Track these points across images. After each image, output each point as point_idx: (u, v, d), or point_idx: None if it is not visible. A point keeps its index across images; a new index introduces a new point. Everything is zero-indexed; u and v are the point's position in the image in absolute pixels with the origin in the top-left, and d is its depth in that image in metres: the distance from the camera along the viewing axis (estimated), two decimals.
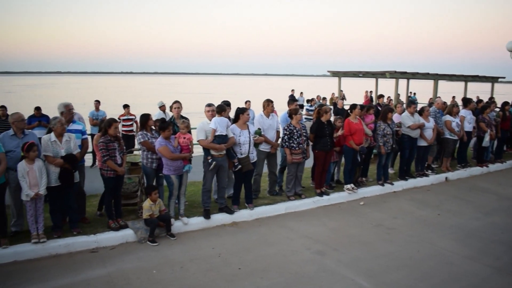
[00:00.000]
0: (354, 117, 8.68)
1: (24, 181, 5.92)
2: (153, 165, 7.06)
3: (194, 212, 7.40)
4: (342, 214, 7.87)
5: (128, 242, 6.48)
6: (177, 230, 6.83)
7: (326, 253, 6.18)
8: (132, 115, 12.62)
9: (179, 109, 7.82)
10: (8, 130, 6.45)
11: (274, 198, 8.27)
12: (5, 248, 5.91)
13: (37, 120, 9.99)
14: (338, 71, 19.81)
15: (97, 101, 12.72)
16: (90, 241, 6.31)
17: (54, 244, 6.12)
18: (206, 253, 6.14)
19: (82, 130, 7.02)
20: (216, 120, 6.97)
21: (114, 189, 6.64)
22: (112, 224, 6.62)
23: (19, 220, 6.50)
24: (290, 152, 7.95)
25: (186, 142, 6.83)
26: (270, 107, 8.06)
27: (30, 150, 5.94)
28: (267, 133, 7.93)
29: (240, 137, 7.29)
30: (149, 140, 6.98)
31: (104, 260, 5.93)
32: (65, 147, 6.35)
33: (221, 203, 7.44)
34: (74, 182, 6.47)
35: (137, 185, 7.31)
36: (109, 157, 6.43)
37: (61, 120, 6.39)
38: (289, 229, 7.09)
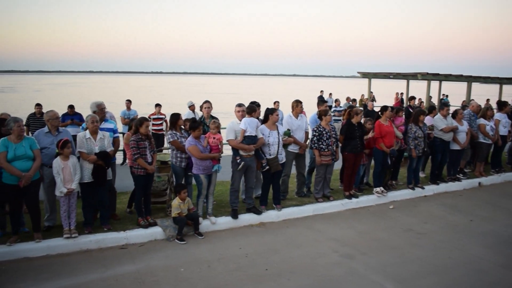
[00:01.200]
0: (385, 119, 8.55)
1: (59, 177, 6.09)
2: (182, 164, 7.13)
3: (222, 211, 7.44)
4: (371, 218, 7.76)
5: (157, 239, 6.57)
6: (205, 229, 6.88)
7: (354, 256, 6.10)
8: (163, 115, 12.78)
9: (209, 108, 7.88)
10: (43, 128, 6.64)
11: (302, 200, 8.23)
12: (38, 242, 6.08)
13: (70, 118, 10.22)
14: (368, 72, 19.56)
15: (129, 101, 12.93)
16: (120, 238, 6.42)
17: (85, 240, 6.26)
18: (233, 253, 6.16)
19: (114, 128, 7.16)
20: (246, 121, 6.98)
21: (144, 187, 6.74)
22: (142, 222, 6.73)
23: (52, 215, 6.68)
24: (319, 154, 7.89)
25: (216, 142, 6.87)
26: (299, 107, 8.03)
27: (64, 147, 6.10)
28: (296, 134, 7.90)
29: (269, 138, 7.28)
30: (179, 139, 7.05)
31: (133, 256, 6.02)
32: (99, 145, 6.49)
33: (249, 203, 7.45)
34: (107, 179, 6.59)
35: (167, 183, 7.39)
36: (139, 155, 6.53)
37: (93, 118, 6.53)
38: (317, 231, 7.04)
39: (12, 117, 6.13)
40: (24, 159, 5.88)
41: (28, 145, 5.97)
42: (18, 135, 5.91)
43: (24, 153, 5.88)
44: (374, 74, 19.85)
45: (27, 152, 5.90)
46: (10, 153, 5.82)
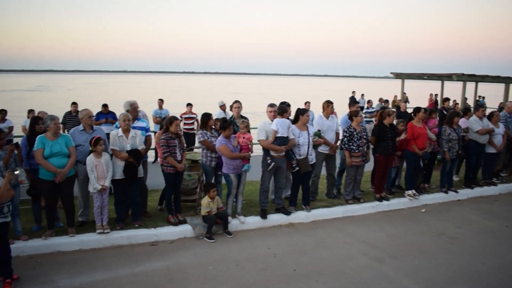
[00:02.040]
0: (418, 120, 8.39)
1: (92, 174, 6.25)
2: (212, 164, 7.19)
3: (251, 211, 7.46)
4: (402, 221, 7.62)
5: (186, 237, 6.65)
6: (233, 228, 6.91)
7: (384, 260, 6.00)
8: (194, 114, 12.92)
9: (239, 108, 7.92)
10: (78, 126, 6.82)
11: (331, 201, 8.17)
12: (72, 236, 6.26)
13: (104, 117, 10.46)
14: (402, 73, 19.22)
15: (161, 100, 13.12)
16: (151, 235, 6.53)
17: (117, 236, 6.39)
18: (261, 253, 6.17)
19: (146, 127, 7.28)
20: (278, 122, 6.98)
21: (173, 185, 6.83)
22: (172, 219, 6.82)
23: (86, 211, 6.86)
24: (350, 155, 7.81)
25: (246, 142, 6.89)
26: (329, 108, 7.97)
27: (97, 144, 6.25)
28: (326, 134, 7.85)
29: (299, 138, 7.26)
30: (209, 139, 7.11)
31: (163, 253, 6.11)
32: (131, 143, 6.61)
33: (278, 203, 7.45)
34: (138, 177, 6.71)
35: (197, 182, 7.47)
36: (169, 153, 6.62)
37: (125, 116, 6.66)
38: (346, 233, 6.97)
39: (49, 115, 6.32)
40: (60, 156, 6.07)
41: (64, 142, 6.15)
42: (55, 133, 6.10)
43: (60, 150, 6.07)
44: (408, 74, 19.50)
45: (62, 149, 6.09)
46: (47, 150, 6.02)
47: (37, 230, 6.49)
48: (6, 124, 10.63)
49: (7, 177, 4.99)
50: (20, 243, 6.02)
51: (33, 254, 5.96)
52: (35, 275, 5.40)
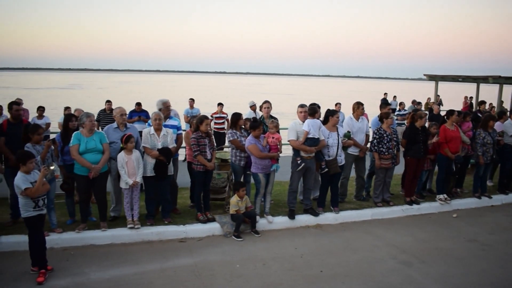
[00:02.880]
0: (451, 123, 8.23)
1: (123, 170, 6.40)
2: (241, 163, 7.24)
3: (279, 211, 7.48)
4: (432, 225, 7.48)
5: (214, 235, 6.73)
6: (261, 227, 6.95)
7: (413, 264, 5.92)
8: (224, 113, 13.03)
9: (268, 108, 7.96)
10: (112, 123, 7.01)
11: (360, 203, 8.11)
12: (104, 231, 6.44)
13: (137, 115, 10.68)
14: (436, 75, 18.86)
15: (192, 99, 13.28)
16: (180, 231, 6.65)
17: (147, 231, 6.54)
18: (288, 253, 6.18)
19: (178, 126, 7.40)
20: (309, 122, 6.98)
21: (203, 183, 6.92)
22: (200, 217, 6.92)
23: (117, 206, 7.04)
24: (379, 157, 7.73)
25: (275, 142, 6.92)
26: (359, 109, 7.92)
27: (127, 142, 6.42)
28: (356, 136, 7.80)
29: (329, 139, 7.24)
30: (238, 138, 7.17)
31: (191, 250, 6.21)
32: (162, 141, 6.74)
33: (307, 204, 7.44)
34: (168, 174, 6.84)
35: (226, 181, 7.55)
36: (199, 152, 6.71)
37: (156, 115, 6.79)
38: (375, 236, 6.90)
39: (85, 113, 6.53)
40: (94, 152, 6.26)
41: (99, 139, 6.34)
42: (90, 129, 6.29)
43: (95, 147, 6.25)
44: (442, 76, 19.11)
45: (97, 145, 6.27)
46: (82, 146, 6.22)
47: (71, 223, 6.70)
48: (43, 121, 11.00)
49: (42, 172, 5.19)
50: (54, 235, 6.24)
51: (67, 246, 6.17)
52: (68, 267, 5.58)
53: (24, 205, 5.16)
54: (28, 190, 5.06)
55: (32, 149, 5.97)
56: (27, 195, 5.08)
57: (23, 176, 5.13)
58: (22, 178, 5.11)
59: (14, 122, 6.72)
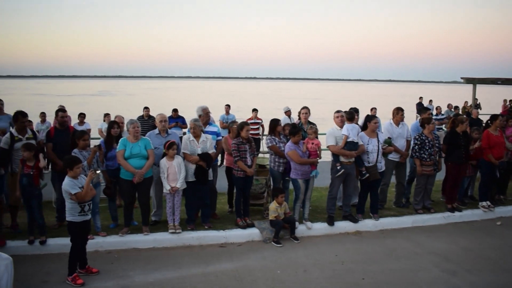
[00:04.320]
0: (495, 128, 8.01)
1: (164, 176, 6.52)
2: (280, 169, 7.25)
3: (317, 217, 7.45)
4: (475, 233, 7.29)
5: (254, 240, 6.77)
6: (300, 233, 6.94)
7: (457, 273, 5.78)
8: (259, 119, 13.06)
9: (307, 114, 7.95)
10: (151, 130, 7.16)
11: (400, 210, 7.98)
12: (146, 235, 6.58)
13: (174, 121, 10.83)
14: (473, 78, 18.37)
15: (227, 105, 13.37)
16: (220, 236, 6.72)
17: (188, 236, 6.64)
18: (329, 259, 6.15)
19: (217, 132, 7.49)
20: (348, 127, 6.95)
21: (243, 189, 6.97)
22: (240, 222, 6.97)
23: (159, 211, 7.17)
24: (420, 163, 7.60)
25: (314, 148, 6.91)
26: (399, 115, 7.82)
27: (170, 148, 6.53)
28: (397, 142, 7.69)
29: (368, 145, 7.17)
30: (277, 144, 7.19)
31: (232, 255, 6.26)
32: (201, 147, 6.82)
33: (346, 210, 7.38)
34: (208, 180, 6.92)
35: (264, 186, 7.58)
36: (239, 157, 6.77)
37: (193, 124, 6.88)
38: (416, 243, 6.77)
39: (129, 120, 6.71)
40: (138, 157, 6.41)
41: (144, 145, 6.49)
42: (134, 136, 6.44)
43: (139, 152, 6.41)
44: (480, 79, 18.60)
45: (141, 151, 6.42)
46: (127, 151, 6.39)
47: (114, 227, 6.86)
48: (84, 127, 11.32)
49: (90, 176, 5.34)
50: (99, 238, 6.42)
51: (111, 249, 6.34)
52: (114, 270, 5.73)
53: (71, 209, 5.31)
54: (78, 194, 5.20)
55: (79, 155, 6.16)
56: (76, 200, 5.23)
57: (71, 181, 5.27)
58: (70, 183, 5.25)
59: (60, 128, 6.94)
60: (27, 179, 6.04)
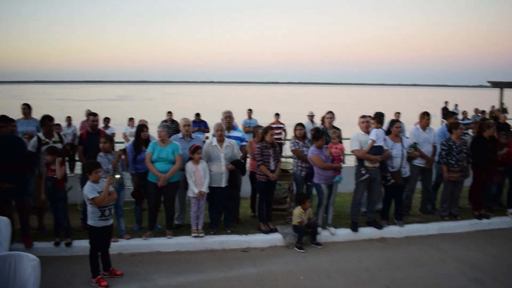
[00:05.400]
0: None
1: (191, 180, 6.54)
2: (302, 173, 7.21)
3: (340, 223, 7.36)
4: (505, 241, 7.08)
5: (277, 245, 6.73)
6: (323, 239, 6.87)
7: (485, 281, 5.63)
8: (281, 124, 13.03)
9: (331, 119, 7.89)
10: (174, 134, 7.21)
11: (426, 217, 7.82)
12: (169, 238, 6.62)
13: (197, 125, 10.89)
14: (500, 82, 17.97)
15: (250, 110, 13.39)
16: (242, 241, 6.71)
17: (211, 240, 6.65)
18: (352, 266, 6.07)
19: (241, 137, 7.48)
20: (376, 132, 6.87)
21: (265, 193, 6.94)
22: (263, 227, 6.95)
23: (182, 215, 7.22)
24: (447, 169, 7.44)
25: (338, 152, 6.84)
26: (425, 120, 7.69)
27: (195, 153, 6.55)
28: (423, 147, 7.56)
29: (392, 150, 7.07)
30: (300, 148, 7.15)
31: (254, 260, 6.24)
32: (225, 152, 6.82)
33: (370, 216, 7.28)
34: (239, 185, 6.97)
35: (287, 191, 7.54)
36: (262, 162, 6.75)
37: (218, 127, 6.90)
38: (442, 251, 6.63)
39: (160, 124, 6.77)
40: (164, 161, 6.46)
41: (172, 149, 6.53)
42: (161, 140, 6.50)
43: (166, 157, 6.45)
44: (507, 83, 18.17)
45: (168, 156, 6.47)
46: (155, 154, 6.46)
47: (138, 230, 6.92)
48: (109, 131, 11.46)
49: (108, 181, 5.34)
50: (123, 241, 6.49)
51: (135, 252, 6.39)
52: (137, 272, 5.77)
53: (92, 213, 5.37)
54: (96, 199, 5.23)
55: (104, 158, 6.24)
56: (94, 204, 5.28)
57: (90, 185, 5.31)
58: (89, 187, 5.30)
59: (92, 132, 7.05)
60: (51, 182, 6.16)
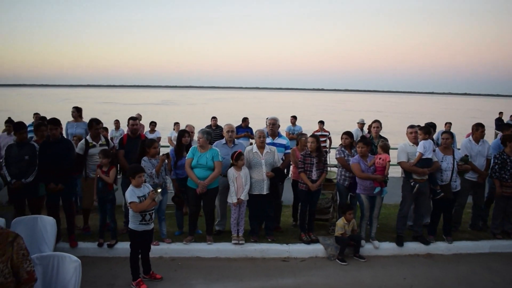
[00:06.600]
0: None
1: (233, 186, 6.51)
2: (346, 183, 7.03)
3: (385, 236, 7.08)
4: None
5: (318, 256, 6.57)
6: (366, 252, 6.65)
7: None
8: (326, 132, 12.82)
9: (378, 128, 7.66)
10: (218, 139, 7.21)
11: (476, 234, 7.40)
12: (209, 244, 6.61)
13: (244, 131, 10.87)
14: None
15: (294, 117, 13.29)
16: (282, 250, 6.59)
17: (251, 248, 6.57)
18: (396, 282, 5.82)
19: (286, 144, 7.33)
20: (424, 143, 6.60)
21: (306, 202, 6.80)
22: (304, 237, 6.80)
23: (222, 221, 7.19)
24: (500, 184, 7.04)
25: (382, 164, 6.59)
26: (479, 132, 7.32)
27: (238, 159, 6.51)
28: (475, 160, 7.19)
29: (442, 163, 6.76)
30: (346, 157, 6.97)
31: (294, 270, 6.11)
32: (265, 158, 6.75)
33: (417, 231, 6.97)
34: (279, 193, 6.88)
35: (330, 201, 7.36)
36: (303, 170, 6.63)
37: (260, 133, 6.83)
38: (494, 271, 6.24)
39: (200, 130, 6.79)
40: (204, 168, 6.45)
41: (211, 156, 6.50)
42: (201, 146, 6.50)
43: (205, 163, 6.44)
44: None
45: (208, 162, 6.45)
46: (194, 160, 6.46)
47: (179, 234, 6.96)
48: (155, 135, 11.70)
49: (150, 196, 5.31)
50: (164, 245, 6.53)
51: (175, 256, 6.42)
52: (176, 277, 5.79)
53: (133, 217, 5.42)
54: (133, 204, 5.27)
55: (148, 163, 6.31)
56: (132, 208, 5.33)
57: (131, 189, 5.36)
58: (130, 191, 5.35)
59: (132, 136, 7.17)
60: (102, 184, 6.31)
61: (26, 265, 3.24)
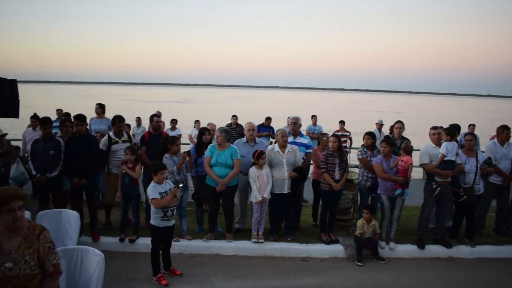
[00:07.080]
0: None
1: (255, 185, 6.51)
2: (367, 184, 6.98)
3: (406, 238, 7.01)
4: None
5: (337, 257, 6.54)
6: (386, 254, 6.59)
7: None
8: (347, 132, 12.73)
9: (400, 129, 7.57)
10: (238, 138, 7.22)
11: (500, 238, 7.26)
12: (229, 242, 6.64)
13: (266, 130, 10.85)
14: None
15: (314, 116, 13.23)
16: (302, 250, 6.58)
17: (270, 247, 6.58)
18: (417, 285, 5.75)
19: (307, 144, 7.29)
20: (447, 145, 6.51)
21: (328, 203, 6.78)
22: (324, 237, 6.78)
23: (242, 219, 7.22)
24: None
25: (404, 166, 6.49)
26: (505, 134, 7.17)
27: (259, 158, 6.51)
28: (500, 163, 7.05)
29: (466, 165, 6.66)
30: (368, 158, 6.91)
31: (314, 270, 6.09)
32: (287, 157, 6.73)
33: (438, 234, 6.87)
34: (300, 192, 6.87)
35: (351, 201, 7.32)
36: (326, 170, 6.60)
37: (282, 133, 6.82)
38: None
39: (218, 128, 6.81)
40: (223, 166, 6.46)
41: (230, 154, 6.51)
42: (219, 144, 6.53)
43: (224, 161, 6.46)
44: None
45: (227, 160, 6.47)
46: (213, 158, 6.49)
47: (199, 231, 7.01)
48: (176, 132, 11.79)
49: (172, 192, 5.34)
50: (184, 241, 6.59)
51: (195, 253, 6.47)
52: (196, 274, 5.82)
53: (154, 213, 5.47)
54: (154, 201, 5.31)
55: (169, 160, 6.36)
56: (153, 205, 5.38)
57: (153, 186, 5.40)
58: (152, 187, 5.39)
59: (154, 133, 7.24)
60: (128, 179, 6.39)
61: (52, 258, 3.28)
